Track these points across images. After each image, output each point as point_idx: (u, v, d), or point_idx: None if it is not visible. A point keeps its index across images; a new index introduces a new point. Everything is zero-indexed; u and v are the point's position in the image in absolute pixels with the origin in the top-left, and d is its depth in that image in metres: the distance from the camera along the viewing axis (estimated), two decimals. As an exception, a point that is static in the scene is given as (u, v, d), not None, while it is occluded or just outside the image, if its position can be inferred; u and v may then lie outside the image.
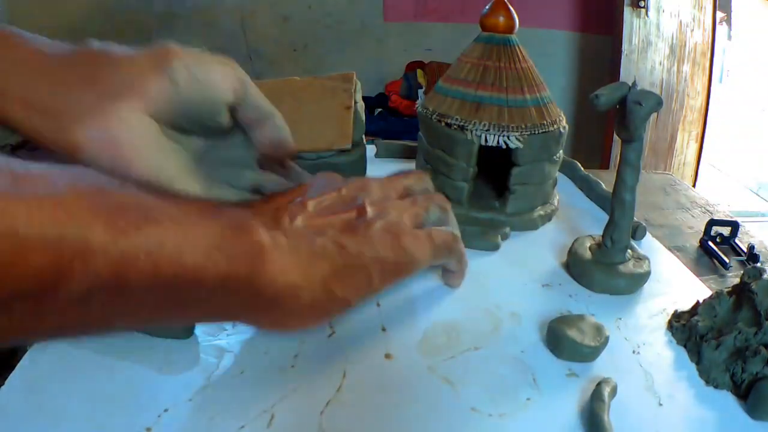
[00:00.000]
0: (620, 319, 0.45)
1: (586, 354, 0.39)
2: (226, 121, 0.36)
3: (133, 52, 0.33)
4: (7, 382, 0.35)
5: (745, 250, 0.59)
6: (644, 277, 0.49)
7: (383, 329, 0.42)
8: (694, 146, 2.39)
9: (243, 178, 0.38)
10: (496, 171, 0.62)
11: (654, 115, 0.51)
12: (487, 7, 0.60)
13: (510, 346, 0.41)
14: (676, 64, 2.22)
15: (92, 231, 0.21)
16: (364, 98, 0.72)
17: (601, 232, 0.50)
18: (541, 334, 0.42)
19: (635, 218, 0.51)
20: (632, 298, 0.48)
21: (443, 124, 0.58)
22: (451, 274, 0.47)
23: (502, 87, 0.58)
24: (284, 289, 0.29)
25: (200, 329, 0.41)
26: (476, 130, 0.56)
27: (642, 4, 2.09)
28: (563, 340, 0.39)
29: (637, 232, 0.58)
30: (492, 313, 0.45)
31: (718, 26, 2.29)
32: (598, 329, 0.40)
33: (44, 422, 0.32)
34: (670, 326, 0.44)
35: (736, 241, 0.60)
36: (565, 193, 0.69)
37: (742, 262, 0.58)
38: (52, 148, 0.30)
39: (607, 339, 0.40)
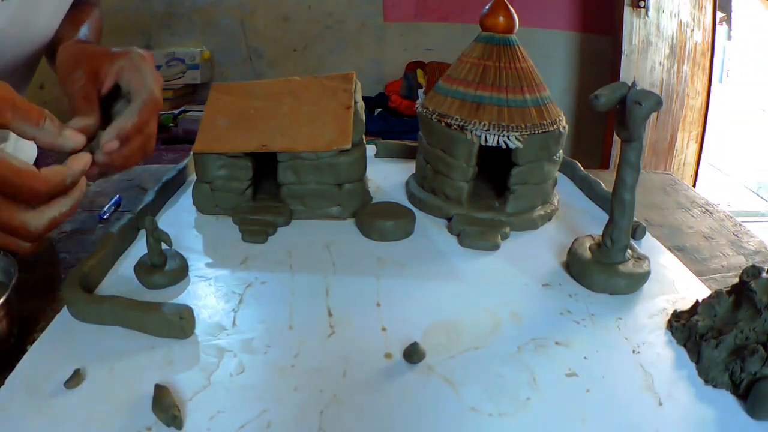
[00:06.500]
0: (620, 319, 0.45)
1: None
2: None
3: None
4: (7, 382, 0.35)
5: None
6: (644, 277, 0.49)
7: (383, 329, 0.42)
8: (694, 146, 2.39)
9: None
10: (496, 171, 0.62)
11: (654, 115, 0.51)
12: (487, 7, 0.60)
13: (510, 346, 0.41)
14: (676, 64, 2.22)
15: None
16: (364, 98, 0.72)
17: (601, 232, 0.50)
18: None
19: (635, 218, 0.51)
20: (632, 298, 0.48)
21: (443, 124, 0.58)
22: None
23: (502, 87, 0.58)
24: None
25: (200, 329, 0.41)
26: (476, 130, 0.56)
27: (642, 4, 2.09)
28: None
29: (637, 232, 0.58)
30: (492, 313, 0.45)
31: (718, 26, 2.29)
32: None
33: (44, 422, 0.32)
34: (670, 326, 0.44)
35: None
36: (565, 193, 0.69)
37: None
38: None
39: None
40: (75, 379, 0.35)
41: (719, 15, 2.31)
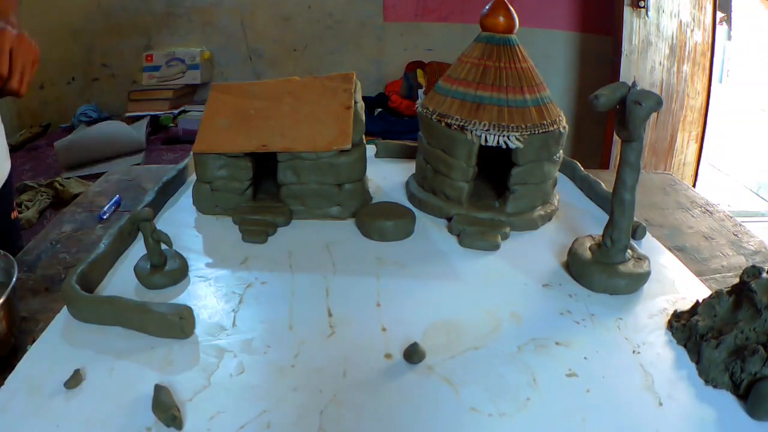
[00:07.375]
0: (620, 319, 0.45)
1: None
2: None
3: None
4: (7, 382, 0.35)
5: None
6: (644, 277, 0.49)
7: (383, 329, 0.42)
8: (694, 146, 2.39)
9: None
10: (496, 171, 0.62)
11: (654, 115, 0.51)
12: (487, 7, 0.60)
13: (510, 346, 0.41)
14: (676, 64, 2.22)
15: None
16: (364, 98, 0.72)
17: (601, 232, 0.50)
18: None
19: (635, 218, 0.51)
20: (632, 298, 0.48)
21: (443, 124, 0.58)
22: None
23: (502, 87, 0.58)
24: None
25: (200, 329, 0.41)
26: (476, 130, 0.56)
27: (642, 4, 2.09)
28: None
29: (637, 232, 0.58)
30: (492, 313, 0.45)
31: (718, 26, 2.29)
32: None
33: (44, 422, 0.32)
34: (670, 326, 0.44)
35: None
36: (565, 193, 0.69)
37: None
38: None
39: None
40: (75, 379, 0.35)
41: (719, 15, 2.31)
